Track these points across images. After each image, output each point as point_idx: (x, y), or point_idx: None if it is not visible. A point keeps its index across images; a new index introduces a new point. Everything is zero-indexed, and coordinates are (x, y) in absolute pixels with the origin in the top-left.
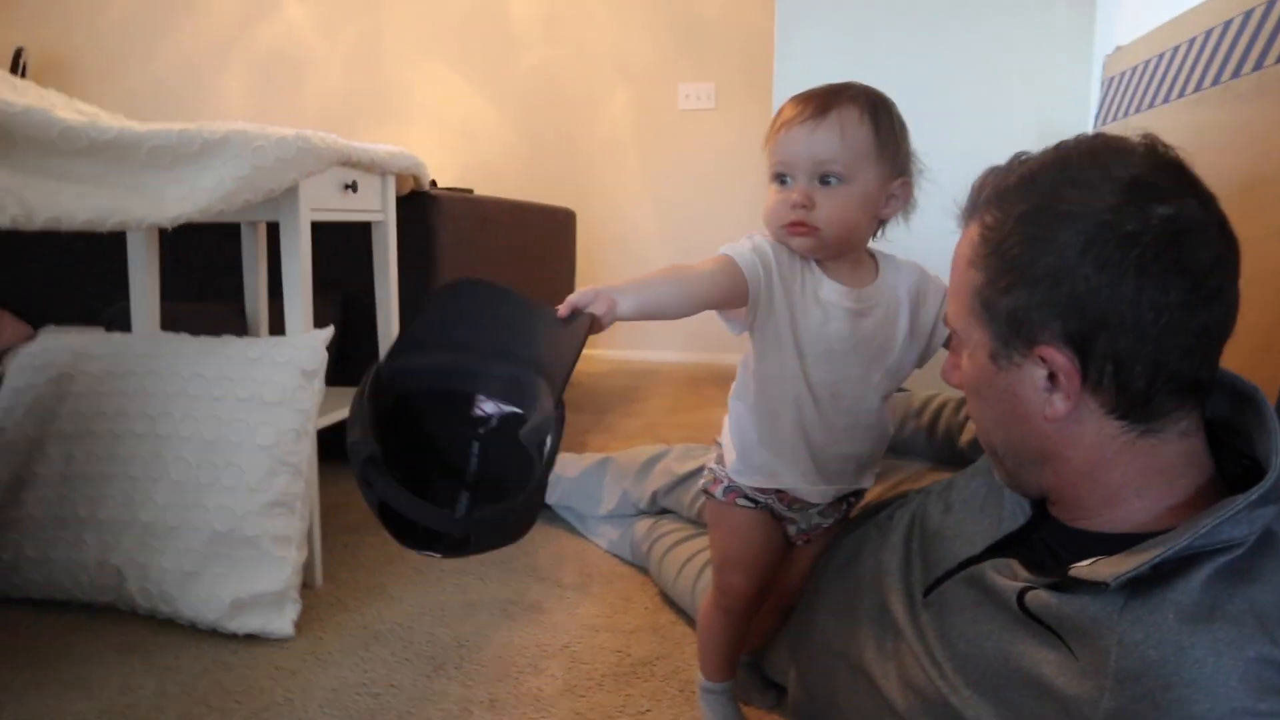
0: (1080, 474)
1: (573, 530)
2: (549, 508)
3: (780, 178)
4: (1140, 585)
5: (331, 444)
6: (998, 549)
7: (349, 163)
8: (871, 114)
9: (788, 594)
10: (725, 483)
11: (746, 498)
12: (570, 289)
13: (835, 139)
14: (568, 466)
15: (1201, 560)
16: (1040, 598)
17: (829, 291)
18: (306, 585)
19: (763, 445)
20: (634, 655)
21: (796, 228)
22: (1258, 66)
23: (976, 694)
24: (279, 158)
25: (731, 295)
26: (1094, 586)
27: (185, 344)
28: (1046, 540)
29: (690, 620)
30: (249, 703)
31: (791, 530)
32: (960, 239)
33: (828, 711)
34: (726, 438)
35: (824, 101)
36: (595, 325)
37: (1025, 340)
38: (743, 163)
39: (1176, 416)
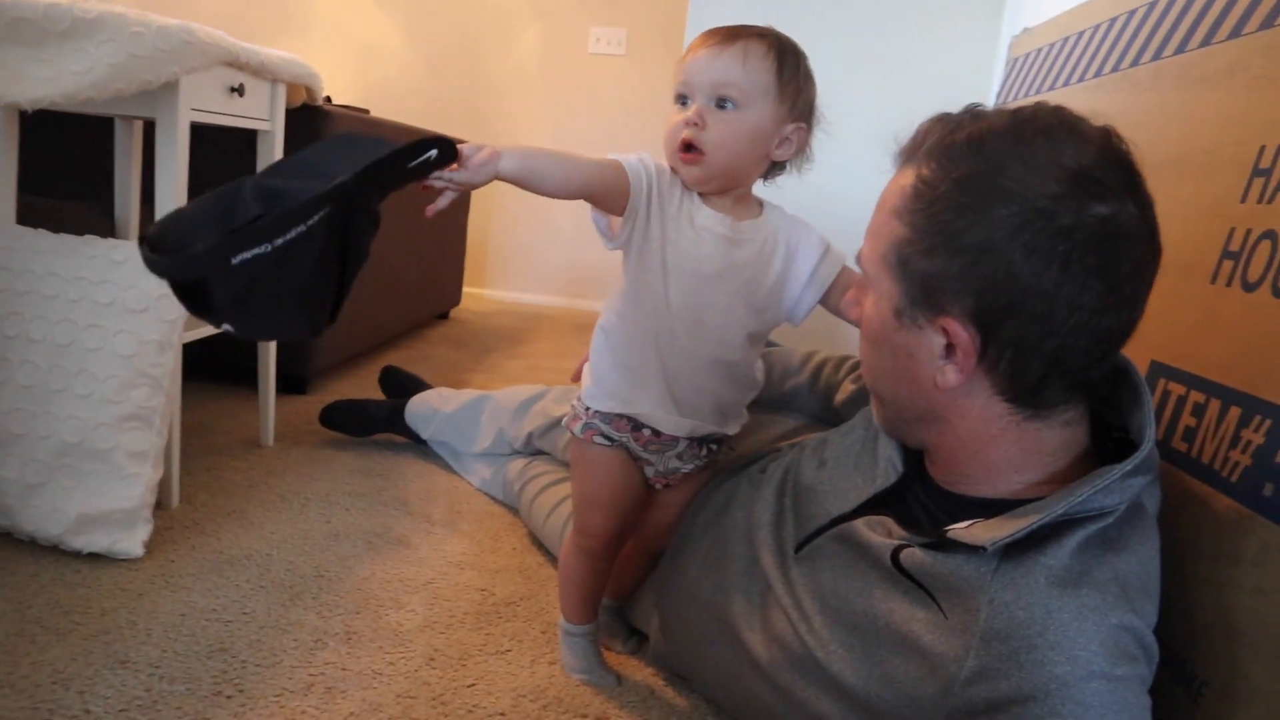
0: (962, 442)
1: (446, 467)
2: (423, 442)
3: (681, 98)
4: (1013, 548)
5: (199, 361)
6: (871, 506)
7: (236, 64)
8: (778, 53)
9: (654, 541)
10: (584, 419)
11: (604, 436)
12: (463, 227)
13: (737, 64)
14: (445, 401)
15: (1074, 527)
16: (914, 556)
17: (704, 217)
18: (161, 506)
19: (618, 369)
20: (498, 595)
21: (688, 153)
22: (1156, 57)
23: (844, 649)
24: (159, 48)
25: (611, 192)
26: (969, 548)
27: (42, 240)
28: (921, 499)
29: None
30: (89, 624)
31: (649, 472)
32: (891, 182)
33: (688, 660)
34: (587, 367)
35: (735, 30)
36: (454, 159)
37: (933, 307)
38: (650, 113)
39: (1063, 408)
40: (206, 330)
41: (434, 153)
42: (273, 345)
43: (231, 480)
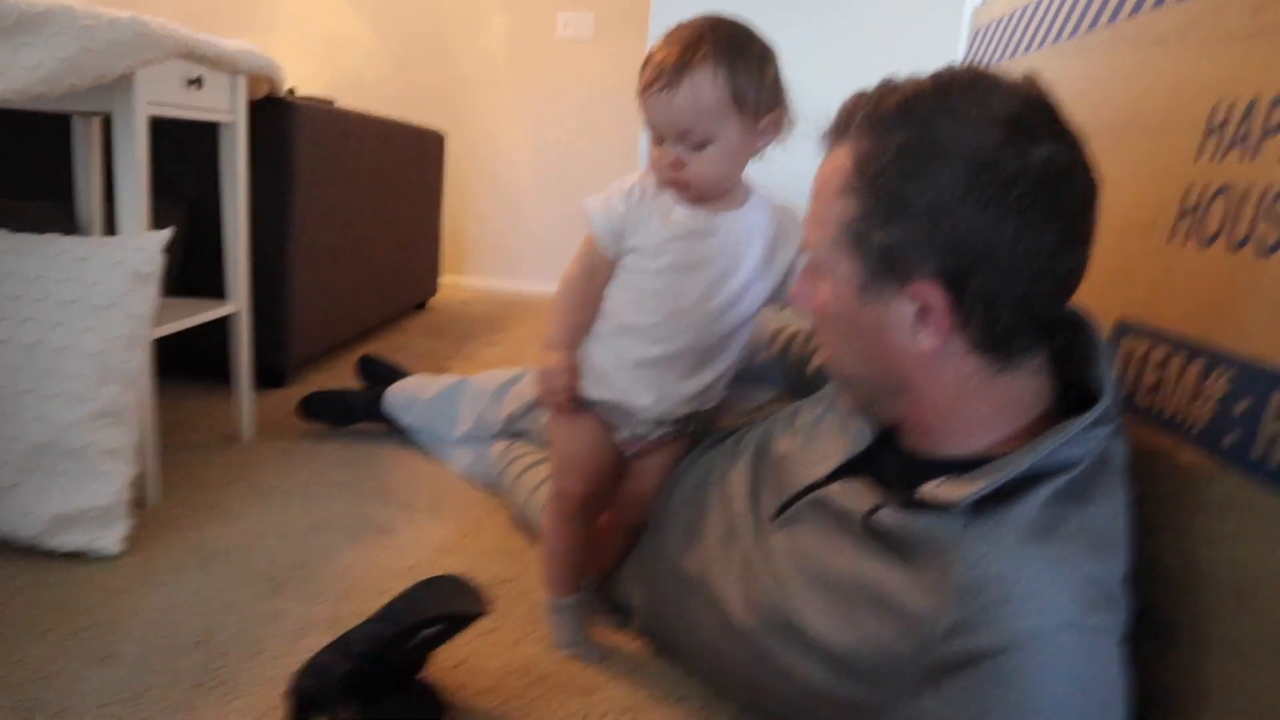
0: (935, 407)
1: (427, 454)
2: (404, 431)
3: (656, 136)
4: (983, 504)
5: (174, 356)
6: (844, 472)
7: (193, 56)
8: (727, 68)
9: (632, 514)
10: None
11: (575, 400)
12: (437, 216)
13: (690, 106)
14: (423, 388)
15: (1041, 481)
16: (887, 518)
17: (678, 214)
18: (140, 503)
19: (600, 360)
20: (483, 577)
21: (676, 187)
22: (1112, 19)
23: (822, 612)
24: (111, 40)
25: (608, 274)
26: (940, 507)
27: (1, 240)
28: (892, 462)
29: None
30: (69, 622)
31: (619, 437)
32: (824, 163)
33: (672, 631)
34: None
35: (678, 65)
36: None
37: (899, 276)
38: (619, 97)
39: (1031, 355)
40: (178, 325)
41: (439, 626)
42: (246, 339)
43: (211, 475)
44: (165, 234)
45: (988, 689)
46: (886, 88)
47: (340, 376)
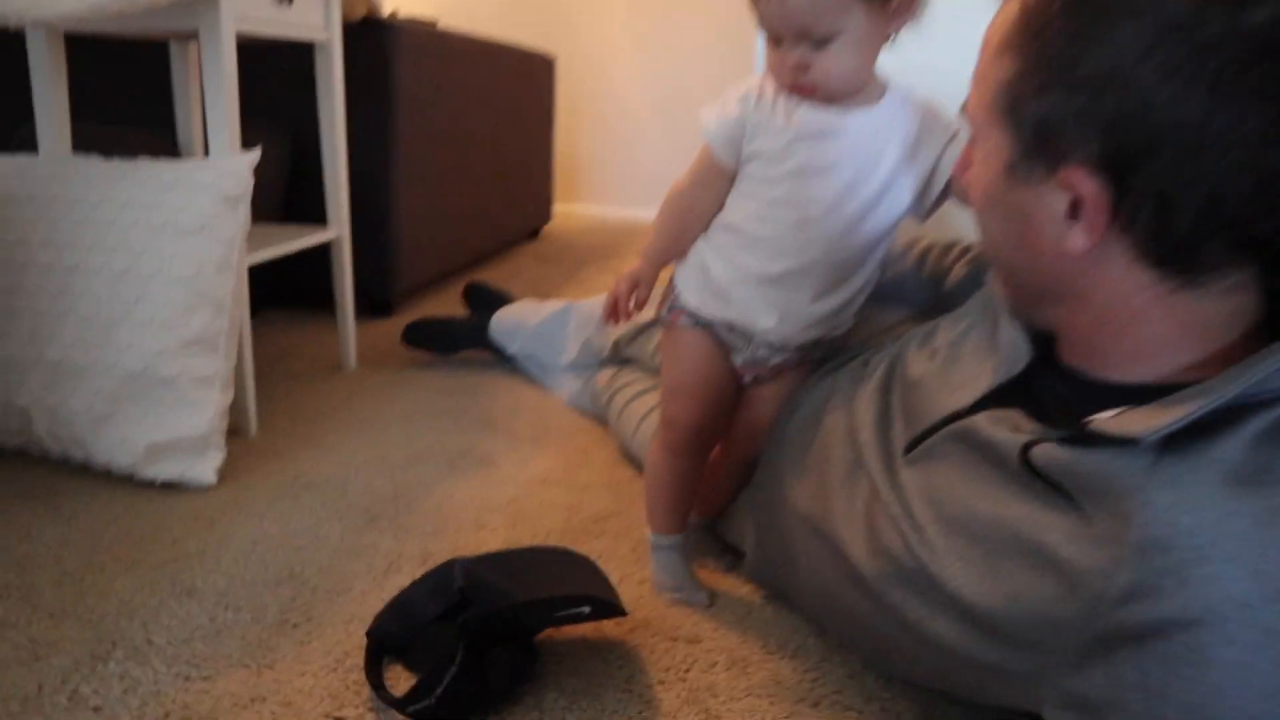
0: (1100, 321)
1: (534, 382)
2: (510, 359)
3: (772, 38)
4: (1175, 440)
5: (280, 285)
6: (993, 399)
7: None
8: None
9: (746, 446)
10: (672, 300)
11: (690, 317)
12: (549, 142)
13: (806, 1)
14: (530, 314)
15: (1249, 414)
16: (1050, 453)
17: (803, 114)
18: (238, 432)
19: (716, 271)
20: (585, 511)
21: (799, 90)
22: None
23: (962, 562)
24: None
25: (725, 188)
26: (1118, 442)
27: (94, 167)
28: (1054, 389)
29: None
30: (158, 553)
31: (737, 360)
32: (995, 15)
33: (786, 577)
34: (680, 266)
35: None
36: (607, 616)
37: (1051, 156)
38: (734, 13)
39: (1225, 273)
40: (274, 251)
41: (587, 609)
42: (347, 266)
43: (311, 405)
44: (254, 155)
45: (1176, 668)
46: None
47: (450, 305)
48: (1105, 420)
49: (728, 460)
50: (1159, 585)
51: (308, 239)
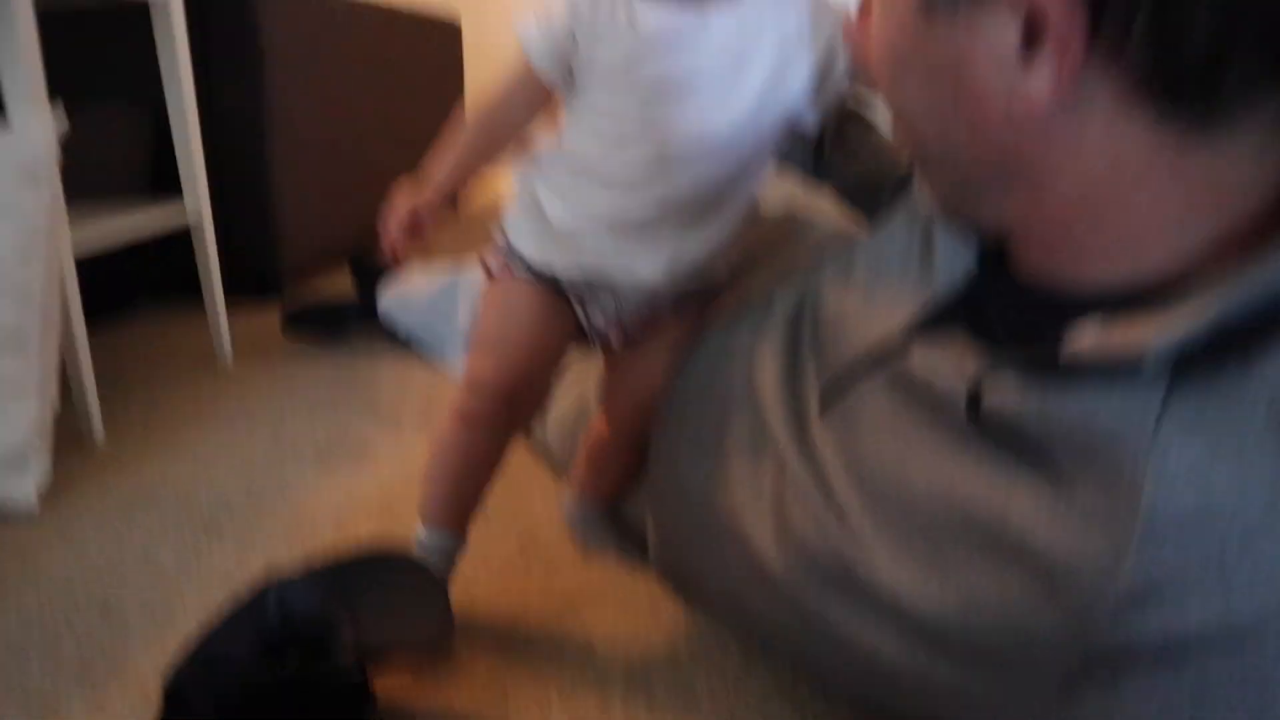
0: (1071, 207)
1: (431, 362)
2: (405, 337)
3: None
4: (1194, 365)
5: (150, 273)
6: (928, 328)
7: None
8: None
9: (633, 424)
10: (504, 247)
11: (525, 267)
12: (455, 103)
13: None
14: (420, 285)
15: None
16: (1008, 397)
17: (649, 12)
18: (80, 442)
19: (561, 217)
20: None
21: None
22: None
23: (898, 556)
24: None
25: (540, 102)
26: (1108, 370)
27: None
28: (1009, 311)
29: (552, 461)
30: None
31: (595, 319)
32: None
33: (689, 573)
34: (514, 212)
35: None
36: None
37: None
38: None
39: (1257, 119)
40: (107, 238)
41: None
42: (211, 249)
43: (174, 405)
44: (57, 122)
45: (1220, 696)
46: None
47: (345, 282)
48: (1087, 338)
49: (615, 438)
50: (1185, 581)
51: (157, 221)
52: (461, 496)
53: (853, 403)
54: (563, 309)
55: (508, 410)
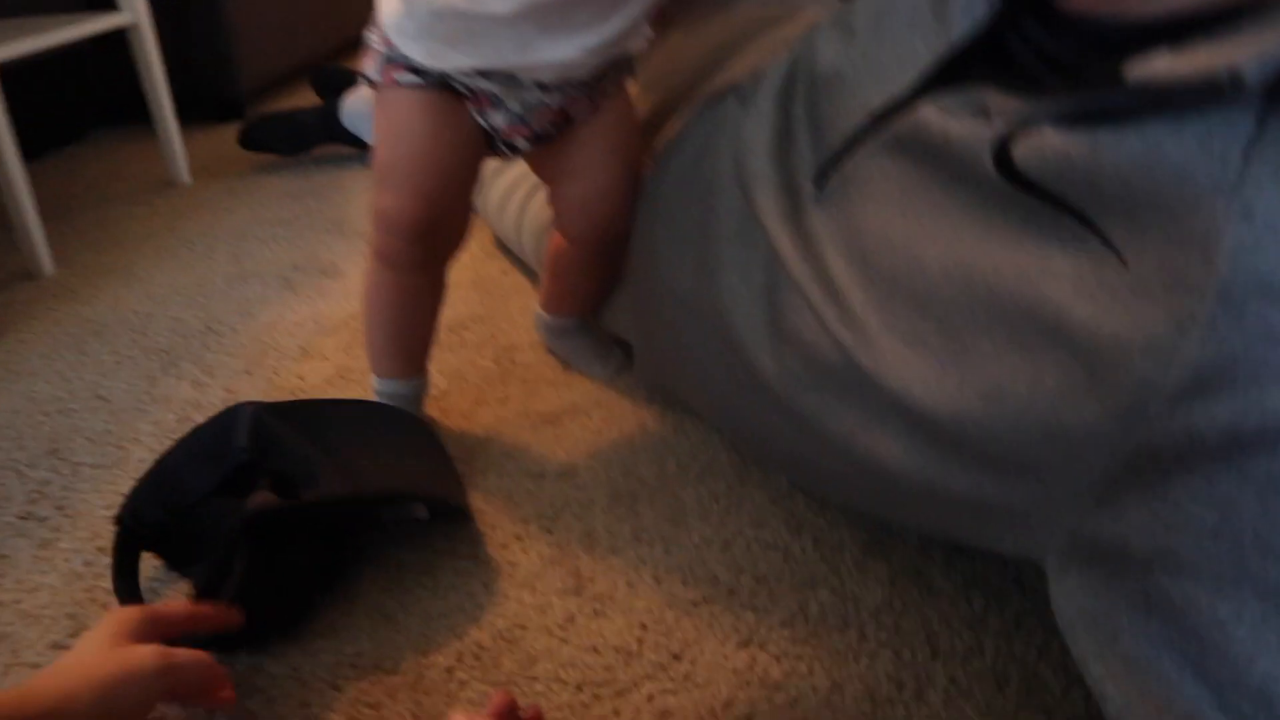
0: None
1: None
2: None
3: None
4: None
5: (106, 99)
6: (943, 78)
7: None
8: None
9: (590, 229)
10: (384, 52)
11: (413, 71)
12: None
13: None
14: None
15: None
16: (1046, 144)
17: None
18: (28, 274)
19: (447, 5)
20: (442, 318)
21: None
22: None
23: (908, 346)
24: None
25: None
26: (1175, 100)
27: None
28: (1042, 49)
29: (525, 267)
30: None
31: (498, 120)
32: None
33: (679, 381)
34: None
35: None
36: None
37: None
38: None
39: None
40: (25, 45)
41: (424, 514)
42: (154, 59)
43: (127, 232)
44: None
45: None
46: None
47: (310, 100)
48: (1160, 63)
49: (575, 248)
50: (1268, 360)
51: (90, 27)
52: (404, 341)
53: (851, 173)
54: (459, 115)
55: (427, 242)
